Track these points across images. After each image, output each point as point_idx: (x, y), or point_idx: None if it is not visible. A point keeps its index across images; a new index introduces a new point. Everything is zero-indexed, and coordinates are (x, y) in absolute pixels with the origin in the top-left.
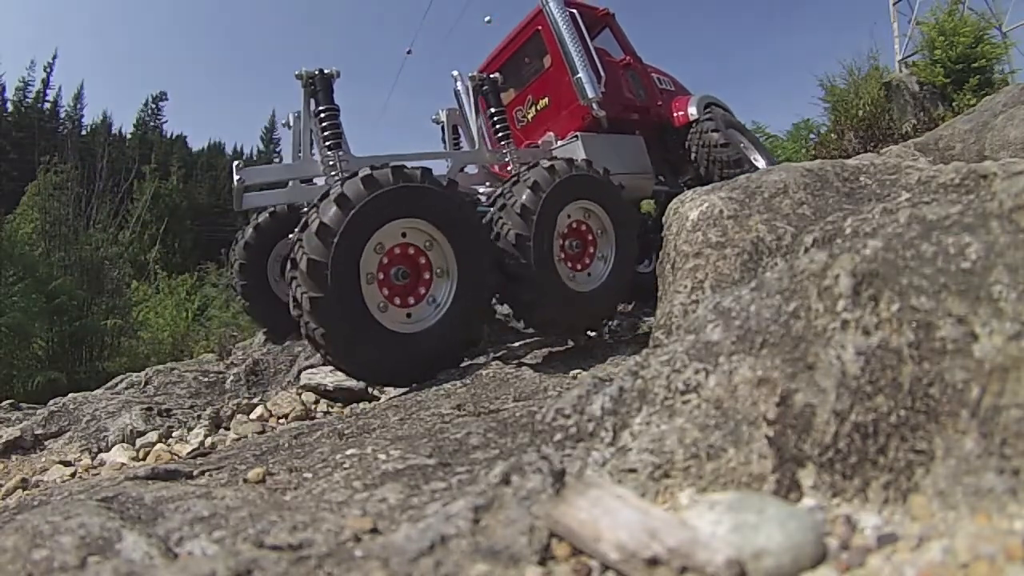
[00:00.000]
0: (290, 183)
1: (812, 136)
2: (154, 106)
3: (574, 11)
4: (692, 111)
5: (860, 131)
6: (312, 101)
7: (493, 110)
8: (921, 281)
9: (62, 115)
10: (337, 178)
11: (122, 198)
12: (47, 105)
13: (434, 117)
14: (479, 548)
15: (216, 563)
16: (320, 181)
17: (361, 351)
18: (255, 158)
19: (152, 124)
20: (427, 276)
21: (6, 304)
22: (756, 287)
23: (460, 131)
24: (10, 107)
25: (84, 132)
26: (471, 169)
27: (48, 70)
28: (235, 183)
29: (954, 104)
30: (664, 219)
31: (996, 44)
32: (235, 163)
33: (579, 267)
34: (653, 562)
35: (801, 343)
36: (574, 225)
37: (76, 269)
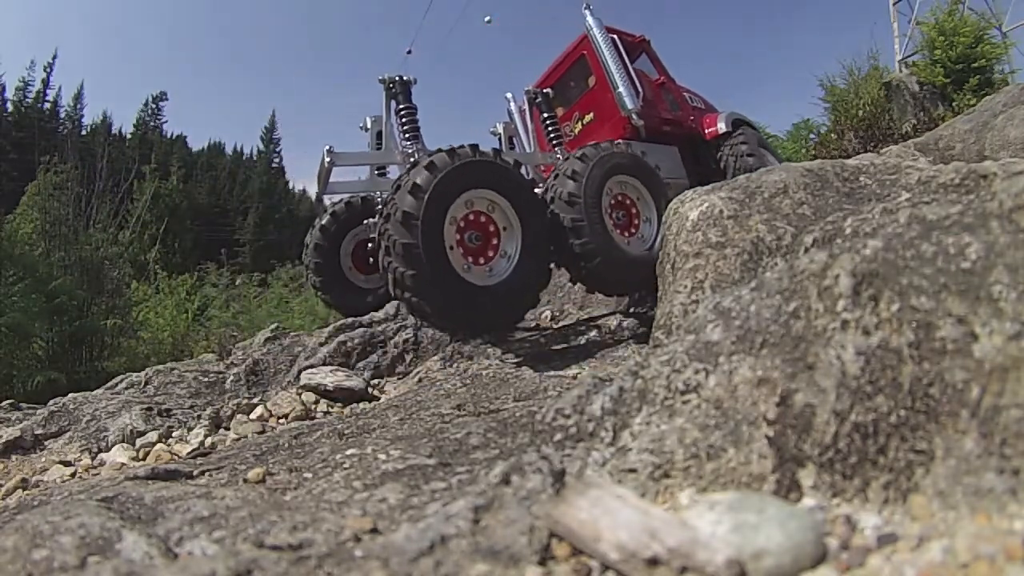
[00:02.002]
0: (368, 175)
1: (812, 136)
2: (154, 106)
3: (614, 36)
4: (721, 126)
5: (860, 131)
6: (393, 102)
7: (546, 116)
8: (921, 281)
9: (62, 115)
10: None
11: (122, 198)
12: (47, 105)
13: (492, 130)
14: (479, 548)
15: (216, 563)
16: (394, 172)
17: (441, 295)
18: (255, 158)
19: (152, 124)
20: (495, 241)
21: (6, 304)
22: (756, 287)
23: (515, 142)
24: (10, 107)
25: (84, 132)
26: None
27: (48, 70)
28: (325, 164)
29: (954, 104)
30: (664, 219)
31: (996, 44)
32: (326, 147)
33: (628, 233)
34: (653, 562)
35: (801, 343)
36: (619, 197)
37: (76, 269)
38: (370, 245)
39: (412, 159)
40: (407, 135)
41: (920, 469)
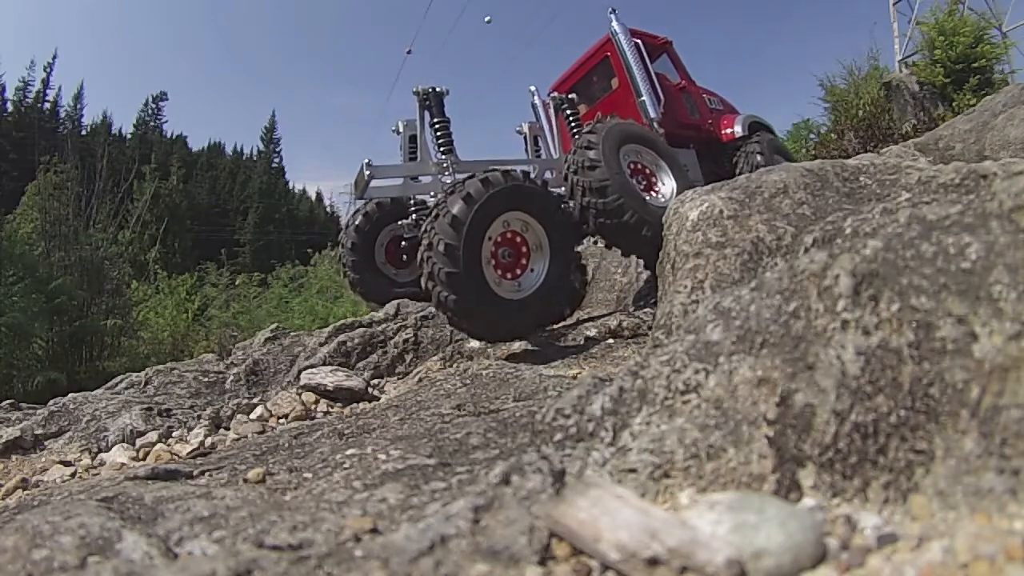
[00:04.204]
0: (402, 180)
1: (812, 136)
2: (154, 106)
3: (638, 41)
4: (738, 129)
5: (860, 131)
6: (427, 113)
7: (570, 118)
8: (921, 281)
9: (62, 115)
10: (454, 178)
11: (122, 198)
12: (47, 105)
13: (518, 129)
14: (479, 548)
15: (216, 563)
16: (426, 179)
17: (480, 314)
18: (255, 158)
19: (152, 124)
20: (525, 251)
21: (6, 304)
22: (756, 287)
23: (539, 141)
24: (10, 107)
25: (84, 132)
26: (548, 175)
27: (48, 70)
28: (365, 176)
29: (954, 104)
30: (664, 219)
31: (996, 44)
32: (365, 160)
33: (652, 193)
34: (653, 562)
35: (801, 343)
36: (634, 165)
37: (76, 269)
38: (403, 243)
39: (447, 171)
40: (441, 147)
41: (920, 469)
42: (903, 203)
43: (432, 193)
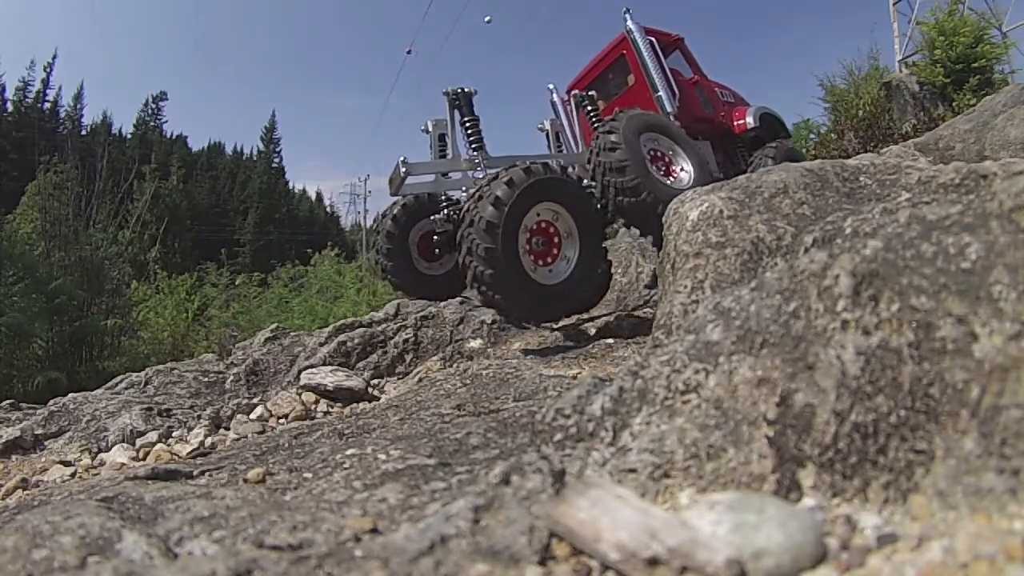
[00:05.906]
0: (434, 177)
1: (812, 136)
2: (154, 106)
3: (653, 39)
4: (750, 120)
5: (860, 131)
6: (457, 113)
7: (592, 115)
8: (921, 281)
9: (62, 115)
10: (486, 173)
11: (122, 198)
12: (47, 105)
13: (539, 126)
14: (479, 548)
15: (216, 563)
16: (455, 176)
17: (523, 303)
18: (255, 158)
19: (152, 124)
20: (557, 241)
21: (6, 304)
22: (756, 287)
23: (560, 137)
24: (10, 107)
25: (84, 132)
26: (571, 169)
27: (48, 70)
28: (400, 173)
29: (954, 104)
30: (664, 219)
31: (996, 44)
32: (400, 158)
33: (671, 178)
34: (653, 562)
35: (801, 343)
36: (654, 152)
37: (76, 269)
38: (435, 238)
39: (479, 167)
40: (472, 145)
41: (920, 469)
42: (903, 203)
43: (463, 188)
